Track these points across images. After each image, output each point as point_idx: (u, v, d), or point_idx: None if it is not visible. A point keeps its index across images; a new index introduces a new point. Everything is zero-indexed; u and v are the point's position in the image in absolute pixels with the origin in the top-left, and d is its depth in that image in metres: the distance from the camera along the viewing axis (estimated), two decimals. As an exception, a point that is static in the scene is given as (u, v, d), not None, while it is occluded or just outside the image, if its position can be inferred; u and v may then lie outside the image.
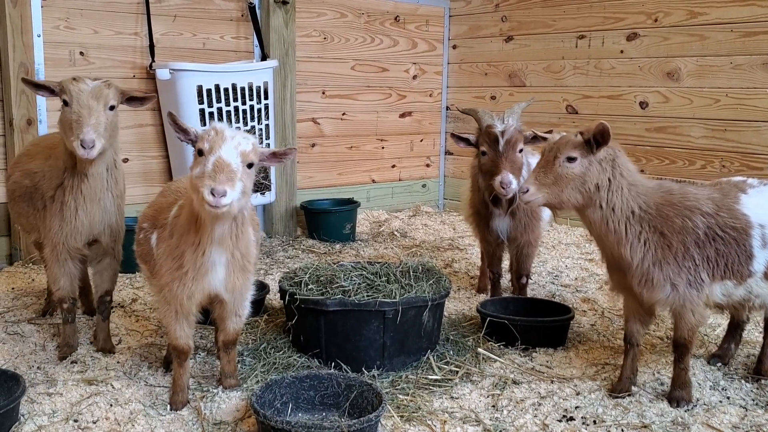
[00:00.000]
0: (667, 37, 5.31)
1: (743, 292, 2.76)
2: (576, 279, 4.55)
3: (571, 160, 2.67)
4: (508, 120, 3.44)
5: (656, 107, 5.43)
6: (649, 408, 2.79)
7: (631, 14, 5.51)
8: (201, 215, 2.37)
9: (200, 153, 2.32)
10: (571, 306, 3.71)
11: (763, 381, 3.04)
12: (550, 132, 3.28)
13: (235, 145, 2.30)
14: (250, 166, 2.35)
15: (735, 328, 3.23)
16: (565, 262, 4.91)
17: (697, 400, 2.85)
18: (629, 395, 2.87)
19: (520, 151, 3.46)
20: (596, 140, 2.68)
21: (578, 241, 5.52)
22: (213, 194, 2.19)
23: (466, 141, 3.59)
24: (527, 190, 2.70)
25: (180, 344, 2.71)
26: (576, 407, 2.79)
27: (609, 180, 2.67)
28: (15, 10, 4.31)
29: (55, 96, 2.91)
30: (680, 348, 2.78)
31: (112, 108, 2.89)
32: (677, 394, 2.81)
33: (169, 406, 2.74)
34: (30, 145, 3.63)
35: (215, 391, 2.85)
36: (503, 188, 3.34)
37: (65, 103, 2.85)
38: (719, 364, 3.20)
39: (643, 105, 5.50)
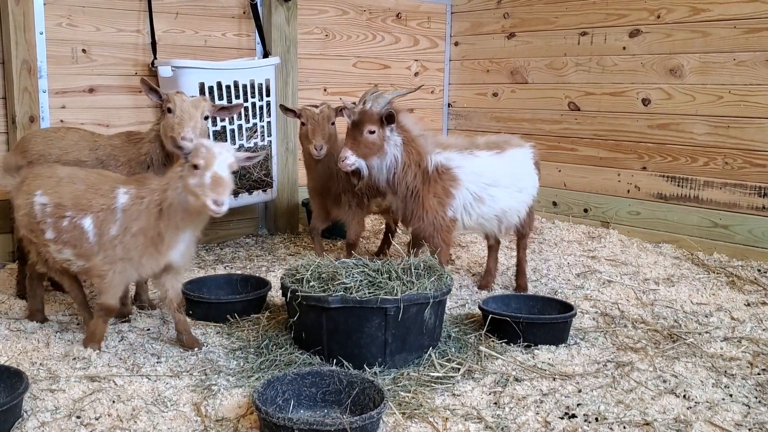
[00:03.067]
0: (670, 34, 5.30)
1: None
2: (578, 276, 4.55)
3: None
4: (366, 104, 3.71)
5: (659, 104, 5.42)
6: (651, 405, 2.79)
7: (633, 11, 5.50)
8: (192, 211, 2.96)
9: (195, 167, 2.88)
10: (573, 303, 3.70)
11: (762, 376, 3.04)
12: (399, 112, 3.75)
13: (224, 160, 2.90)
14: (233, 173, 2.96)
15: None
16: (567, 259, 4.91)
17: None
18: None
19: (371, 131, 3.68)
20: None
21: (580, 239, 5.51)
22: (216, 203, 2.83)
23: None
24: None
25: (116, 305, 3.21)
26: (578, 404, 2.79)
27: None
28: (18, 8, 4.31)
29: (161, 101, 3.56)
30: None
31: (206, 118, 3.58)
32: None
33: (86, 347, 3.19)
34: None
35: (217, 388, 2.86)
36: (340, 161, 3.72)
37: (169, 110, 3.50)
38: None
39: (646, 102, 5.49)
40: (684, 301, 4.07)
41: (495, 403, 2.81)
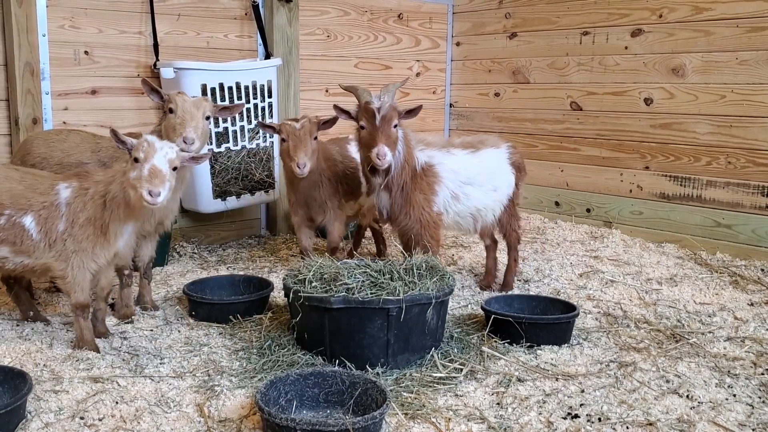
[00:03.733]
0: (672, 33, 5.29)
1: None
2: (581, 276, 4.55)
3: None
4: (384, 97, 3.64)
5: (661, 103, 5.42)
6: (655, 405, 2.79)
7: (635, 10, 5.50)
8: (133, 204, 3.02)
9: (136, 160, 2.95)
10: (575, 303, 3.70)
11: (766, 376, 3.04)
12: (420, 107, 3.76)
13: (164, 155, 2.97)
14: (174, 169, 3.02)
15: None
16: (569, 259, 4.90)
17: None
18: None
19: (395, 126, 3.65)
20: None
21: (583, 238, 5.51)
22: (151, 194, 2.88)
23: (347, 113, 3.78)
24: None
25: (87, 300, 3.23)
26: (581, 404, 2.79)
27: None
28: (20, 10, 4.32)
29: (162, 102, 3.57)
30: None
31: (207, 118, 3.56)
32: None
33: (80, 349, 3.20)
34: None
35: (220, 388, 2.86)
36: (379, 159, 3.56)
37: (170, 111, 3.50)
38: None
39: (648, 101, 5.49)
40: (687, 301, 4.07)
41: (498, 404, 2.80)
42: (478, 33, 6.67)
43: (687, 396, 2.87)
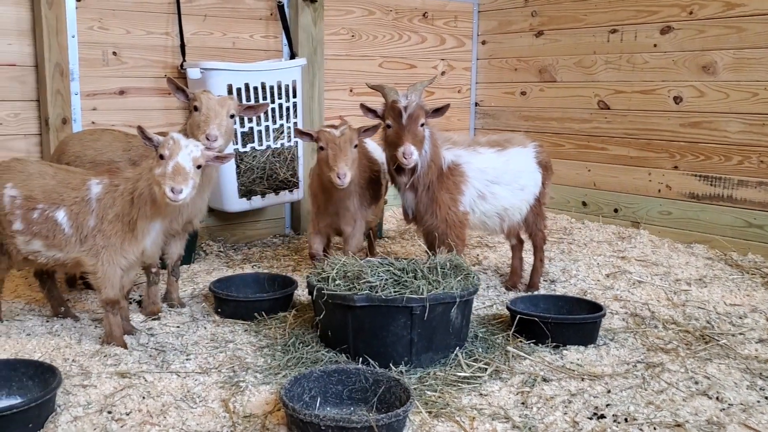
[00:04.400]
0: (703, 30, 5.21)
1: None
2: (608, 276, 4.49)
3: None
4: (411, 96, 3.61)
5: (691, 102, 5.33)
6: (683, 407, 2.74)
7: (665, 7, 5.42)
8: (158, 201, 3.04)
9: (161, 157, 2.98)
10: (602, 304, 3.66)
11: (801, 380, 2.97)
12: (447, 106, 3.71)
13: (188, 153, 2.99)
14: (198, 167, 3.04)
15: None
16: (596, 260, 4.84)
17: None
18: None
19: (422, 125, 3.62)
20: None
21: (610, 239, 5.44)
22: (173, 191, 2.90)
23: (374, 112, 3.73)
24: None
25: (117, 296, 3.25)
26: (607, 405, 2.75)
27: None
28: (51, 12, 4.39)
29: (187, 100, 3.61)
30: None
31: (231, 116, 3.56)
32: None
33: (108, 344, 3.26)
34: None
35: (245, 384, 2.88)
36: (405, 158, 3.52)
37: (195, 109, 3.51)
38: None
39: (678, 100, 5.41)
40: (717, 302, 3.99)
41: (522, 403, 2.78)
42: (504, 31, 6.63)
43: (717, 398, 2.82)
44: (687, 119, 5.37)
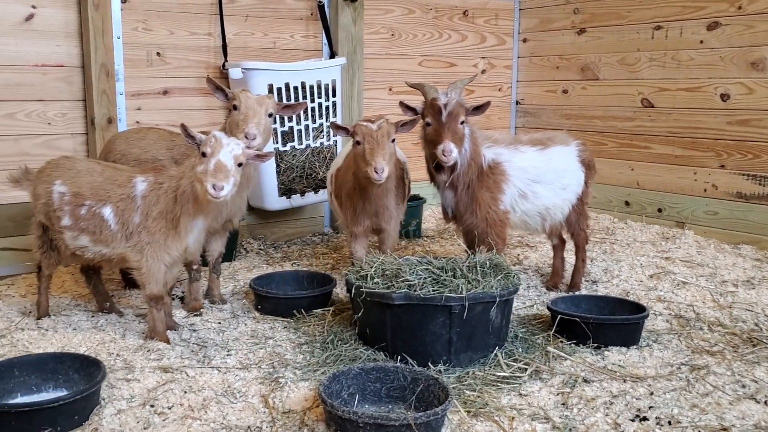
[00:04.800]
0: (752, 25, 5.07)
1: None
2: (651, 277, 4.40)
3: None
4: (451, 94, 3.58)
5: (739, 99, 5.19)
6: (729, 410, 2.67)
7: (712, 2, 5.29)
8: (201, 198, 3.09)
9: (203, 155, 3.04)
10: (645, 304, 3.59)
11: None
12: (488, 104, 3.67)
13: (229, 150, 3.04)
14: (239, 165, 3.08)
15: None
16: (639, 260, 4.75)
17: (782, 404, 2.72)
18: None
19: (462, 122, 3.59)
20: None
21: (654, 239, 5.34)
22: (215, 188, 2.95)
23: (413, 110, 3.71)
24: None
25: (161, 292, 3.31)
26: (650, 407, 2.70)
27: None
28: (97, 13, 4.49)
29: (227, 99, 3.64)
30: None
31: (270, 115, 3.60)
32: None
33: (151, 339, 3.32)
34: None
35: (284, 380, 2.90)
36: (445, 156, 3.50)
37: (234, 108, 3.56)
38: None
39: (725, 97, 5.27)
40: (765, 305, 3.88)
41: (563, 404, 2.74)
42: (545, 29, 6.55)
43: (765, 402, 2.74)
44: (734, 117, 5.23)
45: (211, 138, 3.06)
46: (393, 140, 3.59)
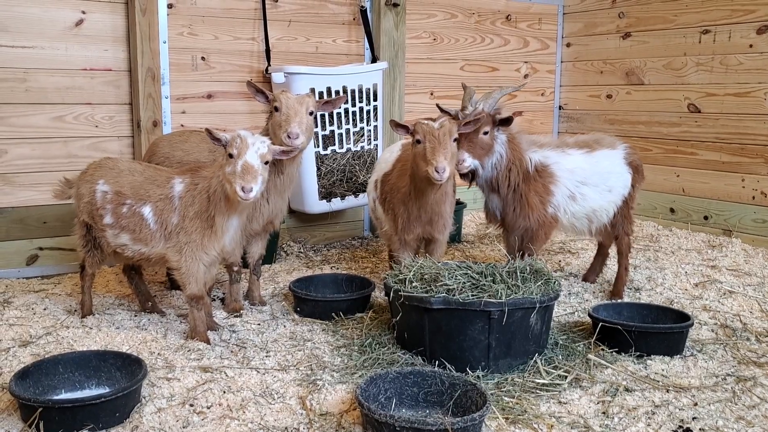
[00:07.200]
0: (804, 29, 4.93)
1: None
2: (696, 286, 4.30)
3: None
4: (479, 105, 3.62)
5: (790, 104, 5.05)
6: (778, 424, 2.59)
7: (762, 5, 5.16)
8: (231, 198, 3.13)
9: (230, 156, 3.06)
10: (690, 313, 3.50)
11: None
12: (511, 119, 3.69)
13: (255, 150, 3.06)
14: (266, 163, 3.11)
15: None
16: (684, 268, 4.64)
17: (834, 419, 2.62)
18: None
19: (485, 132, 3.66)
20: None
21: (699, 247, 5.21)
22: (243, 190, 2.99)
23: (448, 114, 3.69)
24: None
25: (201, 291, 3.35)
26: (693, 418, 2.63)
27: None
28: (144, 19, 4.59)
29: (268, 101, 3.66)
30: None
31: (311, 114, 3.62)
32: None
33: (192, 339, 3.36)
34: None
35: (322, 383, 2.91)
36: (458, 165, 3.60)
37: (276, 109, 3.58)
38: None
39: (775, 102, 5.13)
40: (817, 316, 3.76)
41: (603, 413, 2.69)
42: (589, 33, 6.47)
43: (816, 417, 2.65)
44: (786, 123, 5.09)
45: (237, 138, 3.09)
46: (455, 139, 3.44)
